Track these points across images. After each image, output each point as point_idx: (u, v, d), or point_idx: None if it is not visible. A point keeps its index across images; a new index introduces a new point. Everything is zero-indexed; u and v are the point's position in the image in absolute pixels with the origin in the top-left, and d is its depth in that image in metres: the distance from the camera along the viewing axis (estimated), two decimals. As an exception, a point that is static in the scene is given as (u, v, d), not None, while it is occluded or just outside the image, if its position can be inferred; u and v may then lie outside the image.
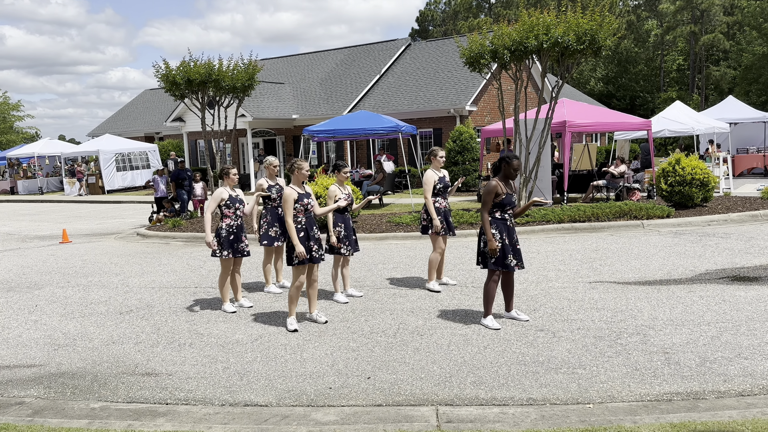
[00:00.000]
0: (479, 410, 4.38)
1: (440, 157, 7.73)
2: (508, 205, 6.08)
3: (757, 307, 6.36)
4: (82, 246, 13.16)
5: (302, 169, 6.43)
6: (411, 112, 24.30)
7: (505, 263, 6.05)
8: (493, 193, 6.01)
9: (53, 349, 6.25)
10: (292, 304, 6.50)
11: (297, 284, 6.42)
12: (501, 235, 6.06)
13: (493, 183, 6.04)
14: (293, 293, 6.46)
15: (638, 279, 7.85)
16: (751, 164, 21.93)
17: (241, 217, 7.40)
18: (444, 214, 7.69)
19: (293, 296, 6.47)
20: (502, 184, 6.08)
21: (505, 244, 6.05)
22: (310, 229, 6.41)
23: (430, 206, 7.56)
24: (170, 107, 33.59)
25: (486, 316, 6.24)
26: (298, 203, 6.34)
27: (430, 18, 66.31)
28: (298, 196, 6.33)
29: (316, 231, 6.48)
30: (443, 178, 7.72)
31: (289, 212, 6.28)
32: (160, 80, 15.93)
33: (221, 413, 4.55)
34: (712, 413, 4.12)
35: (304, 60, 33.58)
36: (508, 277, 6.35)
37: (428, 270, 7.81)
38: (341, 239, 7.34)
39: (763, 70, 39.24)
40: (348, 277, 7.73)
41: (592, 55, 13.13)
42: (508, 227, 6.11)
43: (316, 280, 6.62)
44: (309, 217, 6.45)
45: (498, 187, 6.02)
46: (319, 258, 6.43)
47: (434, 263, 7.75)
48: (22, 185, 31.37)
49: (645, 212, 12.17)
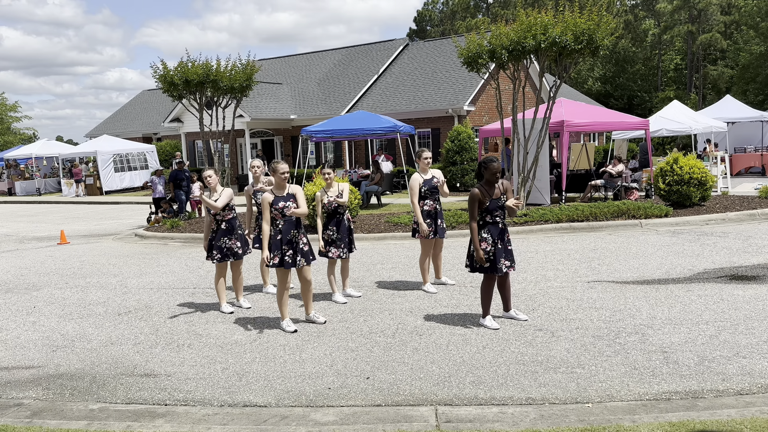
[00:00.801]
0: (478, 410, 4.38)
1: (424, 158, 7.57)
2: (495, 210, 6.00)
3: (755, 306, 6.37)
4: (80, 247, 13.14)
5: (277, 171, 6.27)
6: (409, 112, 24.31)
7: (497, 267, 6.01)
8: (476, 201, 5.94)
9: (51, 350, 6.24)
10: (282, 307, 6.50)
11: (280, 287, 6.41)
12: (493, 239, 6.00)
13: (475, 191, 5.95)
14: (279, 296, 6.46)
15: (636, 278, 7.86)
16: (749, 163, 21.96)
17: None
18: (433, 216, 7.60)
19: (279, 299, 6.47)
20: (486, 189, 5.99)
21: (498, 248, 6.00)
22: (286, 233, 6.29)
23: (416, 211, 7.46)
24: (168, 108, 33.57)
25: (485, 317, 6.24)
26: (273, 207, 6.25)
27: (428, 18, 66.31)
28: (272, 200, 6.24)
29: (295, 234, 6.34)
30: (429, 180, 7.55)
31: (264, 216, 6.24)
32: (158, 81, 15.92)
33: (220, 414, 4.55)
34: (710, 412, 4.12)
35: (302, 60, 33.57)
36: (504, 279, 6.33)
37: (421, 272, 7.83)
38: (332, 242, 7.30)
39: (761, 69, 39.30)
40: (347, 277, 7.72)
41: (590, 55, 13.15)
42: (500, 229, 6.05)
43: (309, 282, 6.55)
44: (288, 221, 6.33)
45: (480, 193, 5.93)
46: (291, 263, 6.29)
47: (422, 265, 7.74)
48: (19, 186, 31.33)
49: (643, 211, 12.18)
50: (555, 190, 16.09)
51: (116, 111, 40.71)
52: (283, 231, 6.30)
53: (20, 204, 26.90)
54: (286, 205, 6.27)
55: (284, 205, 6.27)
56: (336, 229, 7.29)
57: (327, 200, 7.24)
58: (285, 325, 6.46)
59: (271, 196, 6.29)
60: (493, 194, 6.02)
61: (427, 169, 7.63)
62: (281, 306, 6.49)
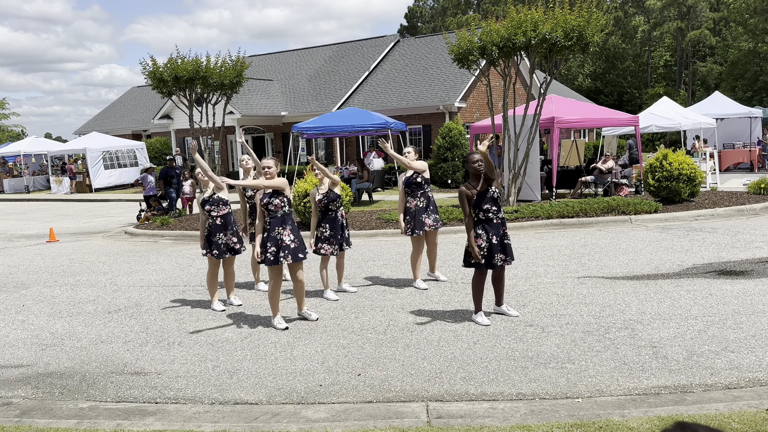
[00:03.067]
0: (469, 405, 4.39)
1: (406, 152, 7.56)
2: (485, 204, 5.96)
3: (744, 301, 6.43)
4: (70, 245, 13.06)
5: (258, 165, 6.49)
6: (400, 109, 24.30)
7: (492, 263, 6.02)
8: (464, 197, 5.95)
9: (41, 348, 6.20)
10: (272, 305, 6.52)
11: (271, 284, 6.44)
12: (487, 235, 6.00)
13: (462, 188, 5.98)
14: (270, 293, 6.47)
15: (626, 274, 7.90)
16: (738, 159, 22.13)
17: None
18: (413, 213, 7.60)
19: (270, 296, 6.48)
20: (473, 185, 5.98)
21: (493, 244, 6.00)
22: (272, 230, 6.32)
23: (400, 208, 7.67)
24: (158, 105, 33.37)
25: (477, 312, 6.26)
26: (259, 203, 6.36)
27: (419, 14, 66.27)
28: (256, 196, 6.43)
29: (280, 231, 6.31)
30: (410, 177, 7.57)
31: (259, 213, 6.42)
32: (148, 77, 15.83)
33: (211, 412, 4.54)
34: (699, 406, 4.16)
35: (293, 57, 33.45)
36: (500, 273, 6.34)
37: (412, 269, 7.86)
38: (325, 239, 7.30)
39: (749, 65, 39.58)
40: (341, 273, 7.74)
41: (580, 52, 13.19)
42: (495, 225, 6.03)
43: (300, 280, 6.53)
44: (274, 217, 6.34)
45: (466, 188, 5.95)
46: (273, 261, 6.25)
47: (414, 263, 7.78)
48: (8, 184, 31.07)
49: (633, 207, 12.25)
50: (545, 187, 16.15)
51: (105, 108, 40.42)
52: (269, 228, 6.34)
53: (8, 202, 26.69)
54: (270, 201, 6.30)
55: (268, 201, 6.30)
56: (329, 226, 7.28)
57: (318, 197, 7.24)
58: (276, 322, 6.45)
59: (261, 193, 6.33)
60: (479, 187, 6.00)
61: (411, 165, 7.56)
62: (272, 303, 6.49)
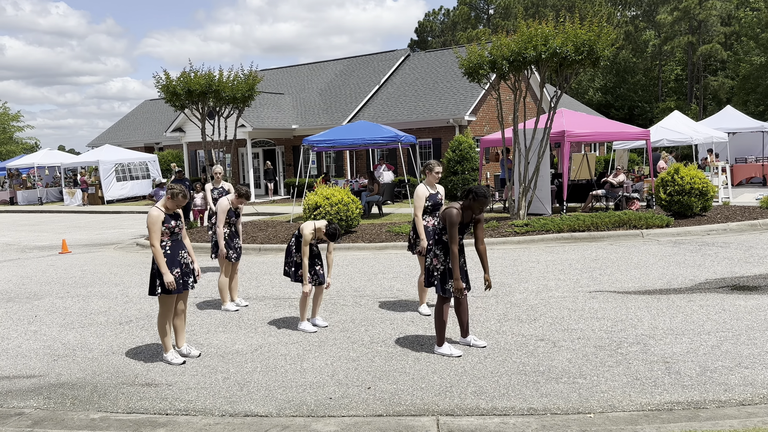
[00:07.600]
0: (480, 420, 4.37)
1: (436, 172, 6.93)
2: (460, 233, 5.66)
3: (757, 317, 6.36)
4: (82, 256, 13.15)
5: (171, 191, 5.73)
6: (410, 122, 24.38)
7: (444, 288, 5.66)
8: (455, 225, 5.52)
9: (53, 359, 6.24)
10: (165, 337, 5.91)
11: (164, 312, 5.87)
12: (445, 257, 5.67)
13: (452, 211, 5.54)
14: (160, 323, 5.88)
15: (638, 288, 7.85)
16: (750, 174, 21.99)
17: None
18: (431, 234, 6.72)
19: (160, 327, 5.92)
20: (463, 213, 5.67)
21: (448, 269, 5.66)
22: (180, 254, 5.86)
23: (419, 225, 6.80)
24: (170, 118, 33.68)
25: (440, 345, 5.77)
26: (165, 225, 5.73)
27: (429, 29, 66.65)
28: (164, 218, 5.73)
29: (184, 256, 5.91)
30: (434, 196, 6.92)
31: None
32: (161, 91, 16.01)
33: (221, 424, 4.54)
34: (713, 422, 4.11)
35: (304, 70, 33.71)
36: (461, 301, 5.91)
37: (418, 292, 7.35)
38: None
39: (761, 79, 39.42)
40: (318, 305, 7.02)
41: (591, 66, 13.20)
42: (463, 253, 5.76)
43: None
44: (176, 241, 5.84)
45: (459, 215, 5.56)
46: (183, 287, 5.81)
47: (421, 285, 7.16)
48: (21, 196, 31.39)
49: (644, 222, 12.18)
50: (556, 200, 16.10)
51: (118, 121, 40.85)
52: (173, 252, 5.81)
53: (22, 213, 26.94)
54: (176, 224, 5.84)
55: (176, 224, 5.83)
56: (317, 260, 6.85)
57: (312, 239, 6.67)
58: (169, 357, 5.94)
59: (163, 214, 5.73)
60: (466, 219, 5.71)
61: (435, 184, 7.03)
62: (162, 335, 5.92)
